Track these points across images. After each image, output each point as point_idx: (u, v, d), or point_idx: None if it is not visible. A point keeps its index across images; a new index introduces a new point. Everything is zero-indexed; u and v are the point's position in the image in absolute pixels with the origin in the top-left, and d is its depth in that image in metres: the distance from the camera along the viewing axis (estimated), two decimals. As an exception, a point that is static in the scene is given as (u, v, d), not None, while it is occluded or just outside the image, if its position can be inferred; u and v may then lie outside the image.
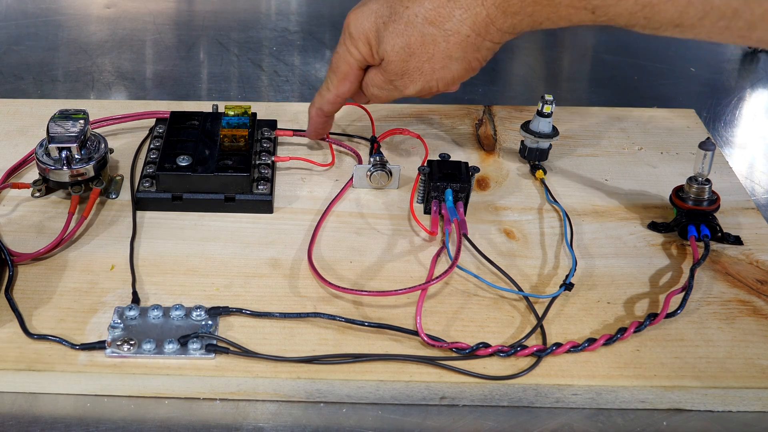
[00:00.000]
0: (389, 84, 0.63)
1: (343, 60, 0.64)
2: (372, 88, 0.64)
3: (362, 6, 0.62)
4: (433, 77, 0.61)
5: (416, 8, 0.58)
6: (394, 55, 0.60)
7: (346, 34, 0.62)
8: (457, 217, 0.63)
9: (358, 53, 0.62)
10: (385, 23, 0.60)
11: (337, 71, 0.65)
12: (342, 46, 0.63)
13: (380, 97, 0.65)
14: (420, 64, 0.60)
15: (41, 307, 0.56)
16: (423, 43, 0.59)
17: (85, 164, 0.65)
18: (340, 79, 0.65)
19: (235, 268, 0.61)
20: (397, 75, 0.61)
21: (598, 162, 0.74)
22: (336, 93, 0.66)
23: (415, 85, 0.62)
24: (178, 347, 0.53)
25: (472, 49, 0.59)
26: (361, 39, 0.61)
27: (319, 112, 0.68)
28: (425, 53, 0.59)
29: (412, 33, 0.59)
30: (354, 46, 0.62)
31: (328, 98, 0.67)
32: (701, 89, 0.92)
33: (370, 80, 0.64)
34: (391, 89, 0.63)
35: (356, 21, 0.61)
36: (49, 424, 0.51)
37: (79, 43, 0.97)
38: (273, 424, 0.52)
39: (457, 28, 0.57)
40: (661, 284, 0.60)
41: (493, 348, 0.53)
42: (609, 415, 0.53)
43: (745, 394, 0.53)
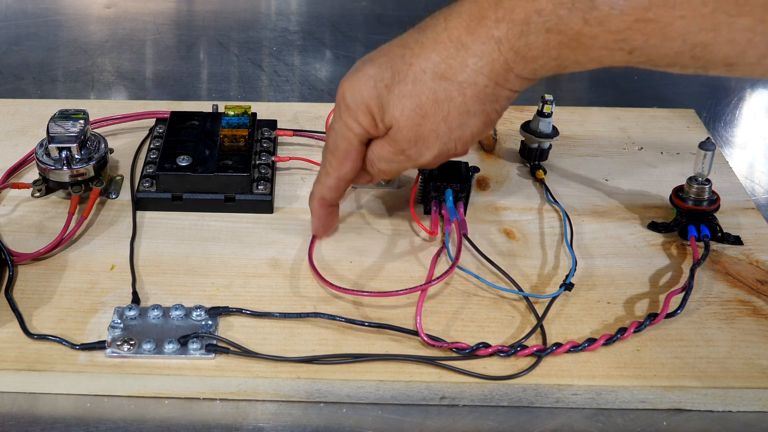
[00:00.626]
0: (400, 155, 0.55)
1: (341, 137, 0.56)
2: (379, 163, 0.57)
3: (356, 72, 0.54)
4: (451, 138, 0.54)
5: (422, 63, 0.52)
6: (405, 120, 0.53)
7: (342, 107, 0.55)
8: (457, 217, 0.63)
9: (358, 127, 0.55)
10: (387, 87, 0.53)
11: (336, 151, 0.57)
12: (338, 122, 0.56)
13: (389, 172, 0.57)
14: (435, 125, 0.53)
15: (41, 307, 0.56)
16: (436, 101, 0.52)
17: (85, 164, 0.65)
18: (340, 160, 0.57)
19: (235, 268, 0.61)
20: (410, 143, 0.54)
21: (598, 162, 0.74)
22: (337, 176, 0.58)
23: (431, 150, 0.54)
24: (178, 347, 0.53)
25: (490, 100, 0.52)
26: (361, 109, 0.54)
27: (322, 202, 0.61)
28: (440, 112, 0.52)
29: (422, 91, 0.52)
30: (353, 119, 0.55)
31: (329, 184, 0.59)
32: (701, 89, 0.92)
33: (376, 154, 0.56)
34: (402, 160, 0.56)
35: (352, 90, 0.54)
36: (49, 424, 0.51)
37: (79, 43, 0.97)
38: (273, 424, 0.52)
39: (473, 79, 0.51)
40: (661, 284, 0.60)
41: (493, 348, 0.53)
42: (609, 415, 0.53)
43: (745, 394, 0.53)
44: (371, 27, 1.03)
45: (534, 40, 0.48)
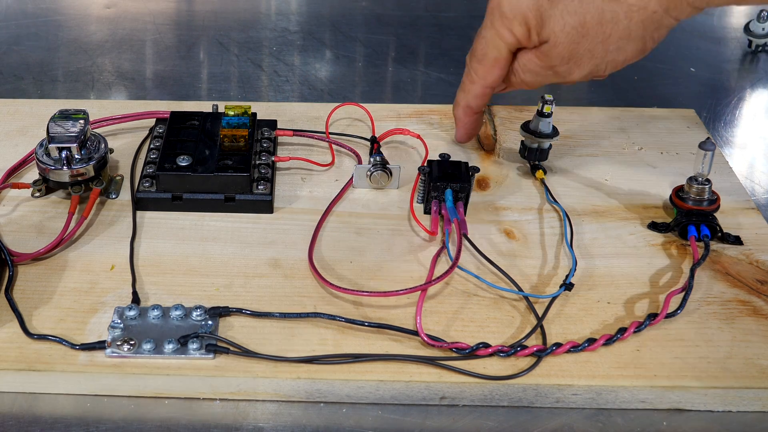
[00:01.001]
0: (548, 69, 0.56)
1: (491, 45, 0.56)
2: (524, 74, 0.57)
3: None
4: (604, 60, 0.54)
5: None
6: (564, 36, 0.53)
7: (496, 14, 0.55)
8: (457, 217, 0.63)
9: (511, 36, 0.55)
10: (551, 1, 0.53)
11: (484, 58, 0.58)
12: (490, 30, 0.56)
13: (532, 84, 0.58)
14: (593, 45, 0.53)
15: (41, 307, 0.56)
16: (601, 21, 0.52)
17: (85, 164, 0.65)
18: (487, 68, 0.58)
19: (235, 268, 0.61)
20: (563, 60, 0.55)
21: (598, 162, 0.74)
22: (484, 83, 0.59)
23: (581, 70, 0.55)
24: (178, 347, 0.53)
25: (653, 27, 0.52)
26: (517, 19, 0.54)
27: (467, 110, 0.62)
28: (601, 33, 0.53)
29: (589, 10, 0.52)
30: (507, 27, 0.55)
31: (474, 92, 0.60)
32: (701, 89, 0.92)
33: (523, 65, 0.57)
34: (549, 75, 0.57)
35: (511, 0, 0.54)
36: (49, 424, 0.51)
37: (79, 43, 0.97)
38: (273, 424, 0.52)
39: (644, 3, 0.51)
40: (661, 284, 0.60)
41: (493, 348, 0.53)
42: (609, 415, 0.53)
43: (745, 394, 0.53)
44: (371, 27, 1.03)
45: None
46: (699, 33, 1.04)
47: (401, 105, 0.81)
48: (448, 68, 0.94)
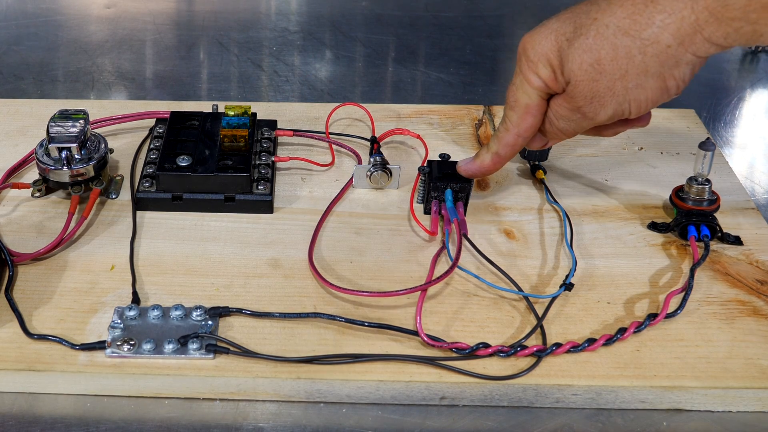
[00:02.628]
0: (577, 112, 0.55)
1: (521, 91, 0.56)
2: (558, 121, 0.57)
3: (538, 27, 0.55)
4: (626, 98, 0.53)
5: (606, 18, 0.51)
6: (582, 74, 0.53)
7: (522, 61, 0.55)
8: (457, 217, 0.63)
9: (538, 80, 0.55)
10: (569, 40, 0.53)
11: (516, 106, 0.57)
12: (518, 76, 0.56)
13: (567, 131, 0.57)
14: (611, 82, 0.52)
15: (41, 307, 0.56)
16: (615, 57, 0.51)
17: (85, 164, 0.65)
18: (520, 115, 0.57)
19: (235, 268, 0.61)
20: (586, 99, 0.54)
21: (598, 162, 0.74)
22: (517, 132, 0.58)
23: (606, 109, 0.54)
24: (177, 347, 0.53)
25: (670, 63, 0.51)
26: (542, 61, 0.54)
27: (496, 158, 0.61)
28: (617, 69, 0.52)
29: (603, 46, 0.51)
30: (533, 71, 0.55)
31: (507, 140, 0.59)
32: (701, 89, 0.92)
33: (555, 112, 0.57)
34: (579, 118, 0.56)
35: (533, 43, 0.54)
36: (49, 424, 0.51)
37: (79, 43, 0.97)
38: (273, 424, 0.52)
39: (657, 37, 0.50)
40: (661, 284, 0.60)
41: (493, 348, 0.53)
42: (609, 415, 0.53)
43: (745, 394, 0.53)
44: (371, 27, 1.03)
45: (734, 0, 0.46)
46: (699, 33, 1.03)
47: (401, 105, 0.81)
48: (448, 68, 0.94)
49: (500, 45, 1.01)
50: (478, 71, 0.94)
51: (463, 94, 0.89)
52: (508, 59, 0.99)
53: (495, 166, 0.62)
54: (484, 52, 0.98)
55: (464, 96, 0.88)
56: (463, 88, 0.90)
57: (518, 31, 1.07)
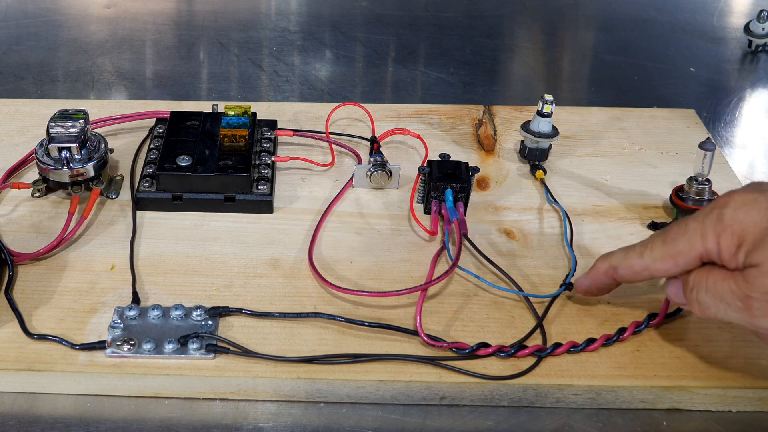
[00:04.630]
0: (738, 300, 0.45)
1: (687, 237, 0.48)
2: (702, 293, 0.47)
3: (757, 192, 0.46)
4: None
5: None
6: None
7: (713, 215, 0.47)
8: (457, 217, 0.63)
9: (713, 244, 0.47)
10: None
11: (670, 245, 0.49)
12: (697, 223, 0.47)
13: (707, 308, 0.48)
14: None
15: (41, 307, 0.56)
16: None
17: (85, 164, 0.65)
18: (665, 255, 0.49)
19: (235, 268, 0.61)
20: (765, 295, 0.44)
21: (598, 162, 0.74)
22: (648, 266, 0.50)
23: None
24: (177, 347, 0.53)
25: None
26: (733, 231, 0.45)
27: (611, 272, 0.53)
28: None
29: None
30: (714, 233, 0.46)
31: (634, 266, 0.51)
32: (701, 89, 0.92)
33: (706, 282, 0.47)
34: (736, 306, 0.46)
35: (739, 208, 0.46)
36: (49, 424, 0.51)
37: (79, 43, 0.97)
38: (273, 424, 0.52)
39: None
40: (661, 284, 0.60)
41: (493, 348, 0.53)
42: (609, 415, 0.53)
43: (745, 394, 0.53)
44: (371, 27, 1.03)
45: None
46: (699, 33, 1.04)
47: (401, 105, 0.81)
48: (448, 68, 0.94)
49: (500, 45, 1.01)
50: (478, 71, 0.94)
51: (463, 94, 0.89)
52: (508, 59, 0.99)
53: (608, 280, 0.54)
54: (484, 52, 0.98)
55: (464, 96, 0.88)
56: (463, 88, 0.90)
57: (518, 31, 1.07)
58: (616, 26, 1.06)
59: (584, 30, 1.08)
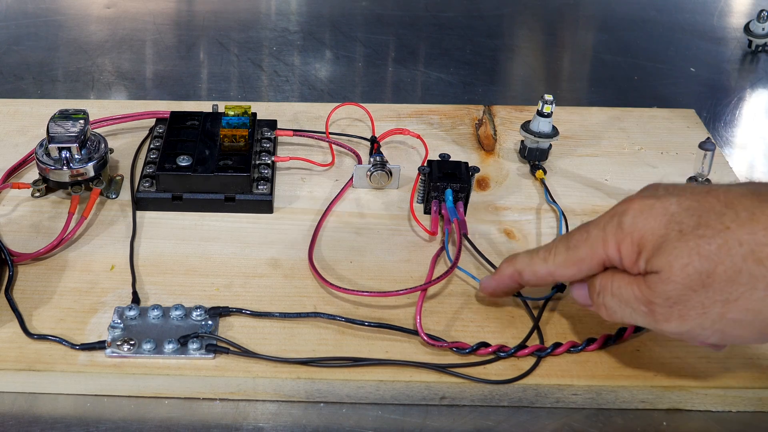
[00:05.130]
0: (642, 305, 0.46)
1: (587, 245, 0.48)
2: (608, 298, 0.48)
3: (653, 199, 0.46)
4: (714, 326, 0.44)
5: (743, 235, 0.43)
6: (681, 276, 0.44)
7: (614, 222, 0.47)
8: (457, 217, 0.63)
9: (614, 251, 0.47)
10: (681, 232, 0.44)
11: (572, 251, 0.49)
12: (597, 230, 0.48)
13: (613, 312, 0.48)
14: (709, 303, 0.44)
15: (41, 307, 0.56)
16: (732, 280, 0.43)
17: (85, 164, 0.65)
18: (568, 261, 0.49)
19: (235, 268, 0.61)
20: (667, 300, 0.44)
21: (598, 162, 0.74)
22: (551, 271, 0.51)
23: (682, 323, 0.45)
24: (177, 347, 0.53)
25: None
26: (633, 238, 0.46)
27: (516, 276, 0.53)
28: (726, 293, 0.43)
29: (723, 262, 0.43)
30: (615, 240, 0.47)
31: (538, 271, 0.51)
32: (701, 89, 0.92)
33: (610, 286, 0.48)
34: (640, 311, 0.46)
35: (637, 216, 0.46)
36: (49, 424, 0.51)
37: (79, 43, 0.97)
38: (273, 424, 0.52)
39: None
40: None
41: (493, 348, 0.53)
42: (609, 415, 0.53)
43: (745, 394, 0.53)
44: (371, 27, 1.03)
45: None
46: (699, 33, 1.04)
47: (401, 105, 0.81)
48: (448, 68, 0.94)
49: (500, 45, 1.01)
50: (478, 71, 0.94)
51: (463, 94, 0.89)
52: (508, 59, 0.99)
53: (513, 284, 0.54)
54: (484, 52, 0.98)
55: (464, 96, 0.88)
56: (463, 88, 0.90)
57: (518, 31, 1.07)
58: (616, 26, 1.06)
59: (584, 30, 1.08)
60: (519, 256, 0.53)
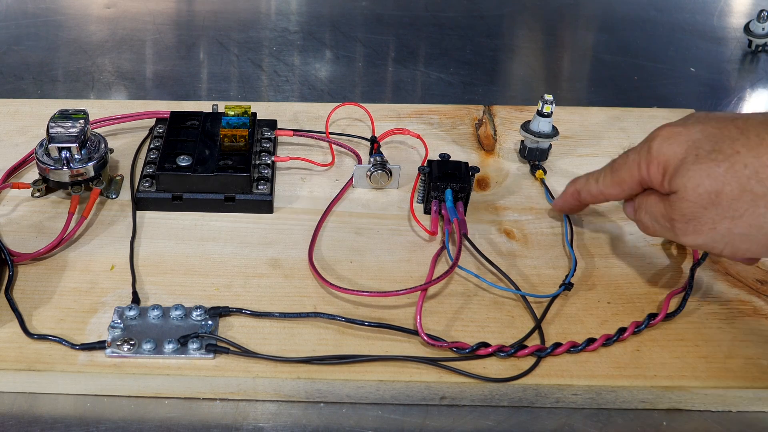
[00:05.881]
0: (667, 220, 0.52)
1: (626, 168, 0.55)
2: (642, 214, 0.55)
3: (680, 127, 0.52)
4: (724, 240, 0.50)
5: (749, 158, 0.48)
6: (693, 195, 0.49)
7: (646, 147, 0.53)
8: (457, 217, 0.63)
9: (646, 172, 0.53)
10: (697, 156, 0.49)
11: (615, 174, 0.56)
12: (635, 154, 0.54)
13: (647, 227, 0.55)
14: (719, 218, 0.49)
15: (41, 307, 0.56)
16: (738, 198, 0.48)
17: (85, 164, 0.65)
18: (613, 183, 0.57)
19: (235, 268, 0.61)
20: (683, 217, 0.51)
21: (598, 162, 0.73)
22: (601, 191, 0.59)
23: (697, 237, 0.51)
24: (177, 347, 0.53)
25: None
26: (659, 161, 0.52)
27: (576, 195, 0.62)
28: (733, 210, 0.48)
29: (730, 182, 0.48)
30: (646, 163, 0.53)
31: (591, 190, 0.60)
32: (701, 89, 0.92)
33: (645, 204, 0.55)
34: (665, 227, 0.53)
35: (665, 141, 0.52)
36: (49, 424, 0.51)
37: (79, 43, 0.97)
38: (273, 424, 0.52)
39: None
40: (661, 284, 0.60)
41: (493, 348, 0.53)
42: (609, 415, 0.53)
43: (745, 394, 0.53)
44: (371, 27, 1.03)
45: None
46: (699, 33, 1.04)
47: (401, 105, 0.81)
48: (448, 68, 0.94)
49: (500, 45, 1.01)
50: (478, 71, 0.94)
51: (463, 94, 0.89)
52: (508, 59, 0.99)
53: (575, 202, 0.63)
54: (484, 52, 0.98)
55: (464, 96, 0.88)
56: (463, 88, 0.90)
57: (518, 31, 1.07)
58: (616, 26, 1.06)
59: (584, 30, 1.08)
60: (579, 177, 0.62)
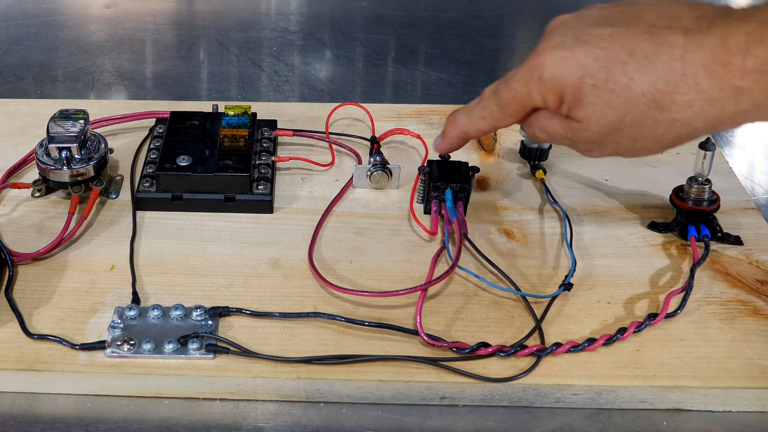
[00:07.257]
0: (568, 141, 0.53)
1: (517, 99, 0.53)
2: (540, 132, 0.54)
3: (565, 50, 0.50)
4: (626, 153, 0.52)
5: (644, 84, 0.48)
6: (597, 126, 0.50)
7: (534, 76, 0.51)
8: (457, 217, 0.63)
9: (541, 101, 0.52)
10: (595, 86, 0.49)
11: (505, 107, 0.54)
12: (522, 85, 0.52)
13: (540, 139, 0.55)
14: (622, 140, 0.51)
15: (41, 307, 0.56)
16: (639, 125, 0.49)
17: (85, 164, 0.65)
18: (504, 116, 0.55)
19: (235, 268, 0.61)
20: (588, 142, 0.52)
21: (598, 162, 0.74)
22: (492, 125, 0.56)
23: (602, 152, 0.53)
24: (177, 347, 0.53)
25: (688, 140, 0.50)
26: (554, 91, 0.51)
27: (463, 135, 0.59)
28: (635, 134, 0.50)
29: (630, 112, 0.49)
30: (540, 93, 0.52)
31: (479, 127, 0.57)
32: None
33: (544, 126, 0.54)
34: (567, 144, 0.54)
35: (556, 67, 0.50)
36: (49, 424, 0.51)
37: (79, 43, 0.97)
38: (273, 424, 0.52)
39: (690, 121, 0.48)
40: (661, 284, 0.60)
41: (493, 348, 0.53)
42: (609, 415, 0.53)
43: (745, 394, 0.53)
44: (371, 27, 1.03)
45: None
46: (699, 33, 1.03)
47: (401, 105, 0.81)
48: (448, 68, 0.94)
49: (500, 45, 1.01)
50: (478, 71, 0.94)
51: (463, 94, 0.89)
52: (508, 59, 0.99)
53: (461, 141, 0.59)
54: (484, 52, 0.98)
55: (464, 96, 0.88)
56: (463, 88, 0.90)
57: (518, 31, 1.07)
58: (616, 26, 1.06)
59: (584, 30, 1.08)
60: (459, 117, 0.59)
